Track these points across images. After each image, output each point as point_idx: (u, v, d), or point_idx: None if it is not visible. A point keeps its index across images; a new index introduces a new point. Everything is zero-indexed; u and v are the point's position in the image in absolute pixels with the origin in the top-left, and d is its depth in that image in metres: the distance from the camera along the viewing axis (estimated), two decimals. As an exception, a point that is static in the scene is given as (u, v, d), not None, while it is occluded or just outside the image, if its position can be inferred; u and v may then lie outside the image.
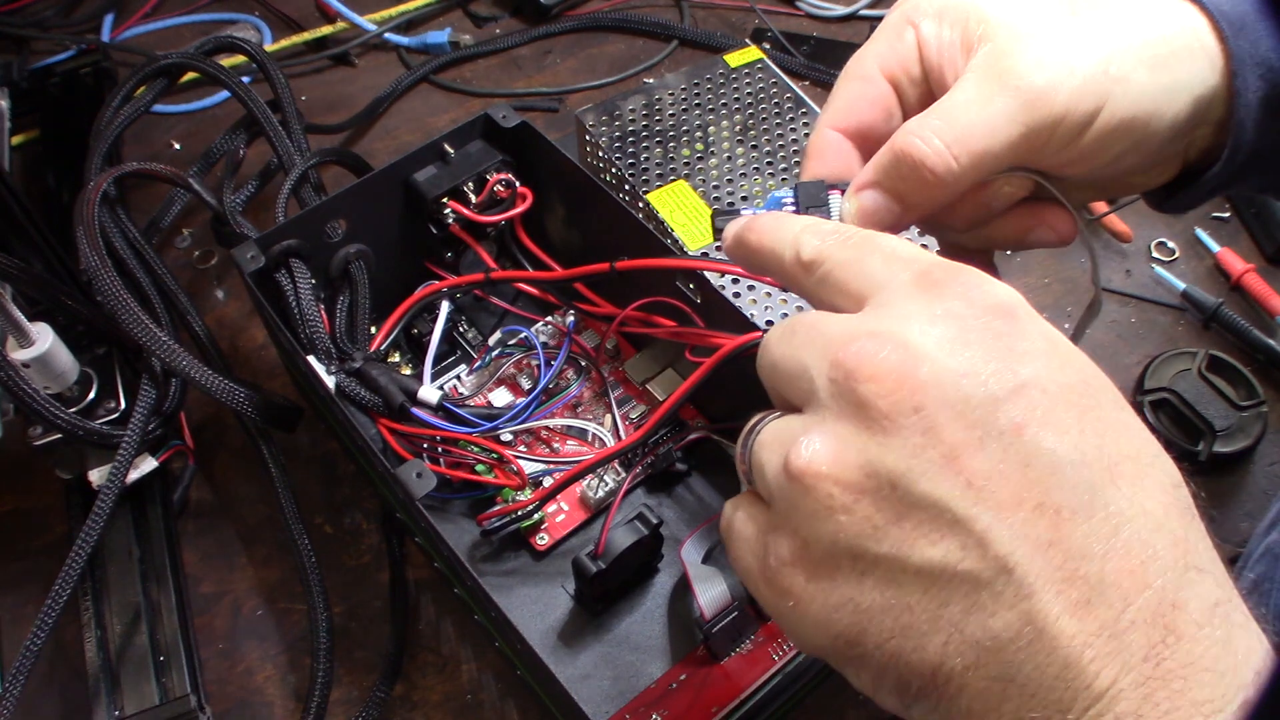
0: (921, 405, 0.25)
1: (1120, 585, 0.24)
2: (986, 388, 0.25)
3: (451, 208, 0.54)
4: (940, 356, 0.26)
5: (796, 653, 0.41)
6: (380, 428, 0.50)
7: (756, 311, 0.54)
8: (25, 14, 0.81)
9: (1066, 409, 0.25)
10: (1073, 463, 0.25)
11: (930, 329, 0.26)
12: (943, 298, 0.27)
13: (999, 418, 0.25)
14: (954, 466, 0.25)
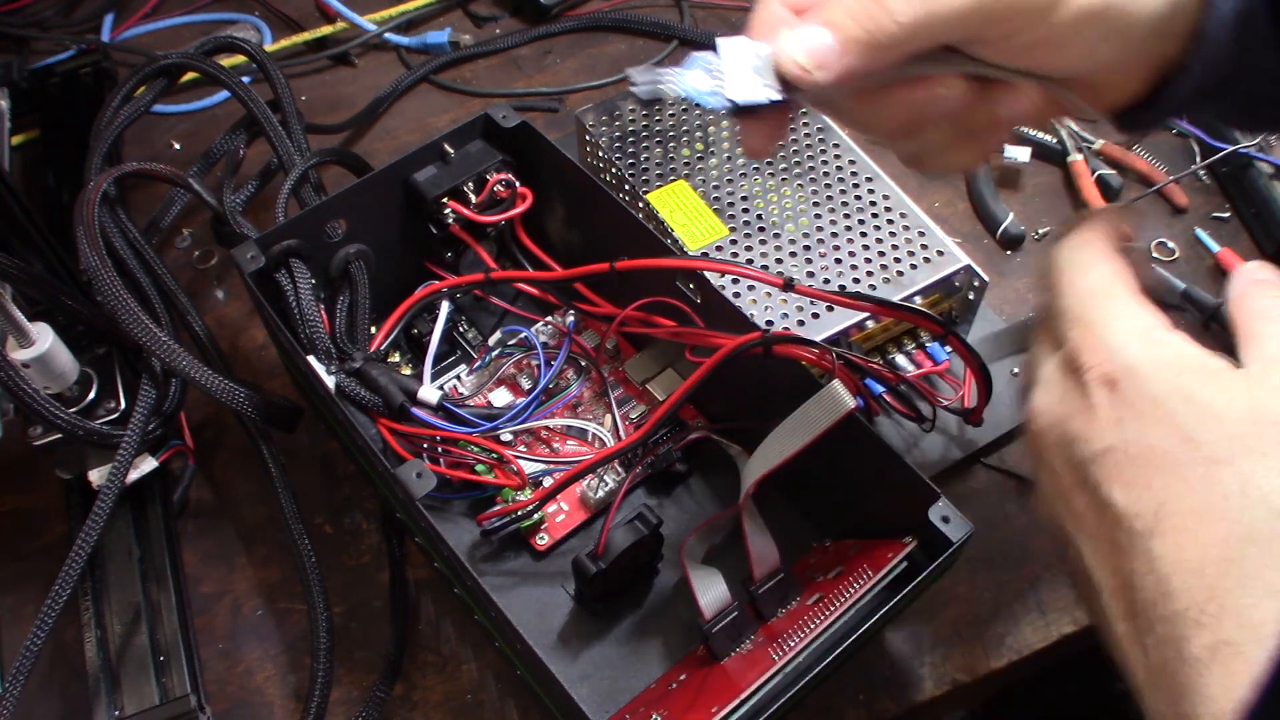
0: (1043, 451, 0.34)
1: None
2: (1080, 451, 0.32)
3: (451, 208, 0.54)
4: (1051, 423, 0.34)
5: (796, 653, 0.41)
6: (380, 428, 0.50)
7: (756, 311, 0.54)
8: (25, 14, 0.81)
9: (1140, 468, 0.30)
10: (1129, 514, 0.30)
11: (1047, 395, 0.34)
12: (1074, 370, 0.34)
13: (1088, 475, 0.32)
14: (1064, 501, 0.33)
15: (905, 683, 0.50)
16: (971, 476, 0.56)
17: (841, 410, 0.44)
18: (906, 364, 0.56)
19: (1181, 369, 0.32)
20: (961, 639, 0.51)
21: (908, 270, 0.56)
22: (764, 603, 0.47)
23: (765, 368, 0.47)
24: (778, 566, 0.47)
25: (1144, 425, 0.31)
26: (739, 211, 0.58)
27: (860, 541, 0.48)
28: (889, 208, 0.58)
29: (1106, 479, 0.31)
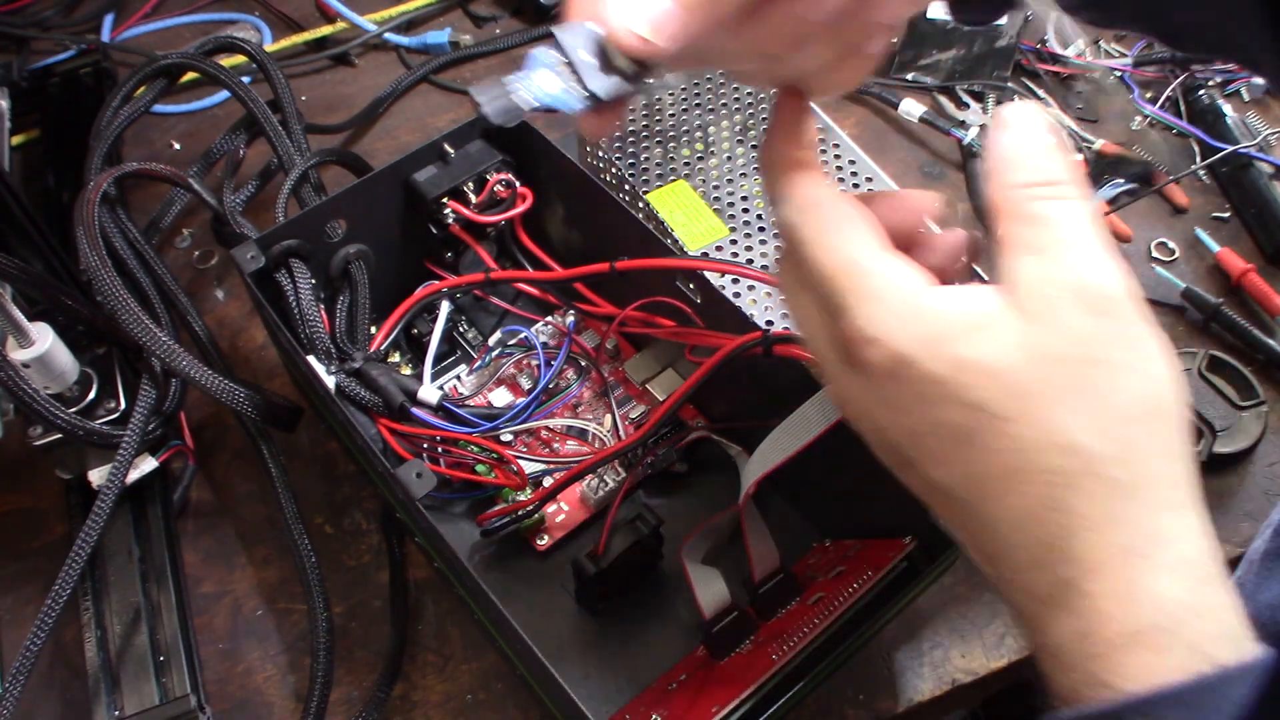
0: (864, 436, 0.34)
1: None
2: (891, 439, 0.33)
3: (451, 208, 0.54)
4: (856, 416, 0.34)
5: (796, 653, 0.41)
6: (380, 428, 0.50)
7: (756, 311, 0.54)
8: (25, 14, 0.81)
9: (945, 445, 0.31)
10: (951, 488, 0.31)
11: (842, 390, 0.34)
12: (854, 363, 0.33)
13: (906, 458, 0.32)
14: (902, 476, 0.34)
15: (905, 683, 0.50)
16: (971, 476, 0.56)
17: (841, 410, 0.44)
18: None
19: (946, 338, 0.30)
20: (961, 639, 0.51)
21: (908, 270, 0.55)
22: (764, 603, 0.47)
23: (765, 368, 0.47)
24: (778, 566, 0.47)
25: (932, 406, 0.30)
26: (739, 211, 0.58)
27: (860, 541, 0.48)
28: (889, 208, 0.58)
29: (920, 461, 0.32)
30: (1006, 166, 0.31)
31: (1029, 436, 0.29)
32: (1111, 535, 0.29)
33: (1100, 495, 0.29)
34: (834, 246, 0.32)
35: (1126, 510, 0.29)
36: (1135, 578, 0.28)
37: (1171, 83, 0.73)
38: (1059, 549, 0.29)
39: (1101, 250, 0.30)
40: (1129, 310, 0.30)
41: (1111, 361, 0.29)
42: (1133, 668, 0.28)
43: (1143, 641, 0.28)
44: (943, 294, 0.31)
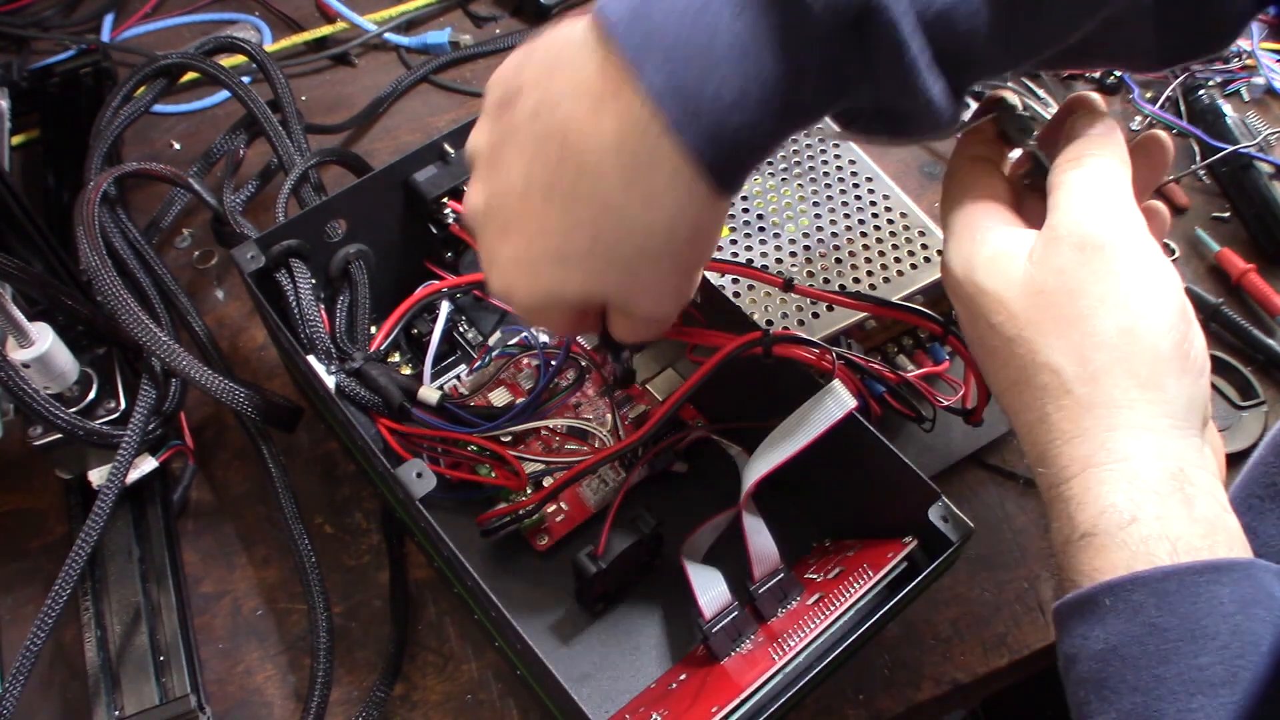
0: None
1: None
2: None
3: (451, 208, 0.54)
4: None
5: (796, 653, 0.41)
6: (380, 428, 0.50)
7: (757, 312, 0.54)
8: (25, 14, 0.81)
9: (982, 357, 0.39)
10: (993, 389, 0.39)
11: None
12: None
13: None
14: None
15: (905, 683, 0.50)
16: (971, 476, 0.56)
17: (841, 410, 0.44)
18: (906, 364, 0.56)
19: (974, 266, 0.37)
20: (961, 639, 0.51)
21: (908, 270, 0.55)
22: (764, 603, 0.46)
23: (765, 368, 0.47)
24: (778, 566, 0.47)
25: (972, 321, 0.38)
26: (739, 211, 0.58)
27: (860, 541, 0.48)
28: (889, 208, 0.58)
29: (983, 369, 0.39)
30: (1067, 128, 0.39)
31: (1025, 356, 0.35)
32: (1077, 447, 0.34)
33: (1070, 410, 0.34)
34: (947, 195, 0.41)
35: (1088, 423, 0.34)
36: (1090, 485, 0.33)
37: (1171, 83, 0.73)
38: (1048, 457, 0.35)
39: (1102, 202, 0.36)
40: (1117, 250, 0.35)
41: (1090, 294, 0.34)
42: (1086, 564, 0.33)
43: (1093, 541, 0.33)
44: (991, 233, 0.38)
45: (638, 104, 0.31)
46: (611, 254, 0.35)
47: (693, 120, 0.31)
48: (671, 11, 0.31)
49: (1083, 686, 0.32)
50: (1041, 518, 0.55)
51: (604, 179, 0.33)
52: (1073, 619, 0.33)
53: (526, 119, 0.35)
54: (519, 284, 0.37)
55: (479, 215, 0.38)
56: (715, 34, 0.30)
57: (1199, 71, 0.73)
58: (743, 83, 0.31)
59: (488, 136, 0.37)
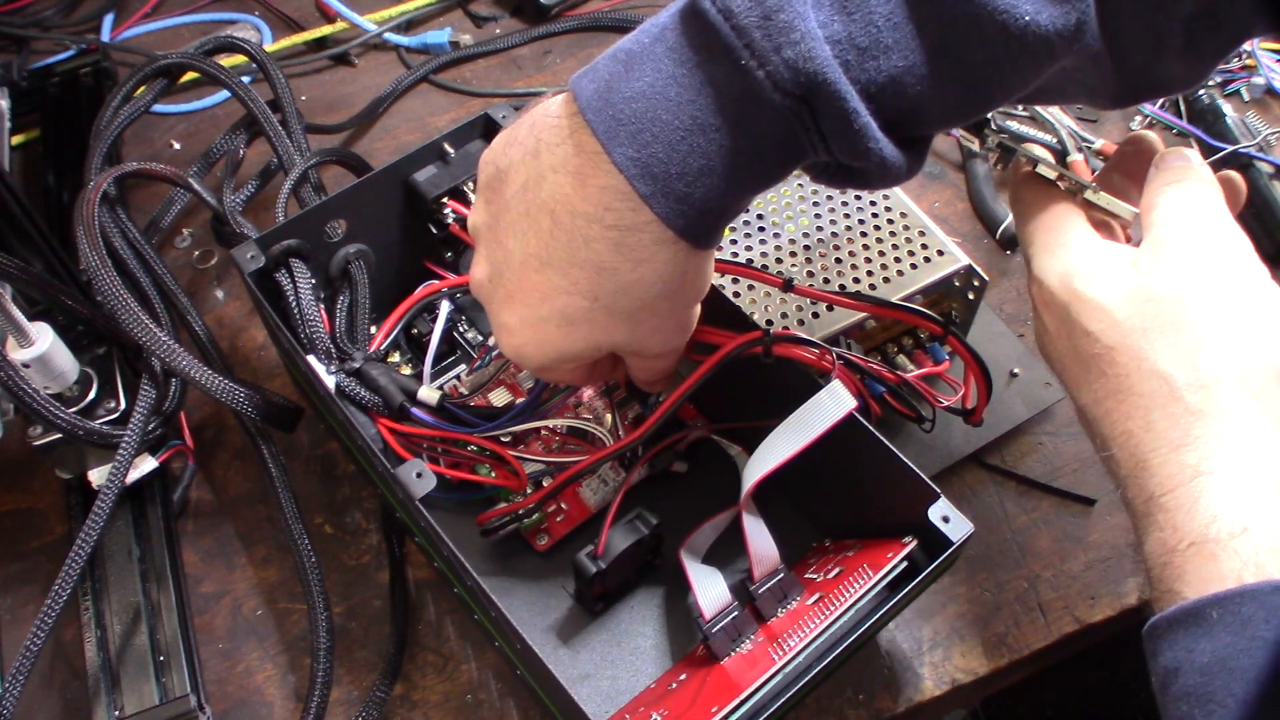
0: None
1: None
2: (1050, 361, 0.42)
3: (451, 208, 0.54)
4: (1037, 340, 0.43)
5: (796, 652, 0.41)
6: (380, 428, 0.50)
7: (757, 311, 0.54)
8: (25, 14, 0.81)
9: (1078, 369, 0.39)
10: (1085, 407, 0.39)
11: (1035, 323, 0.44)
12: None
13: (1062, 379, 0.41)
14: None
15: (905, 683, 0.50)
16: (971, 476, 0.57)
17: (841, 410, 0.44)
18: (906, 364, 0.56)
19: (1074, 274, 0.38)
20: (961, 639, 0.51)
21: (908, 270, 0.55)
22: (764, 603, 0.46)
23: (765, 368, 0.47)
24: (778, 566, 0.47)
25: (1064, 330, 0.38)
26: (739, 211, 0.58)
27: (860, 541, 0.48)
28: (888, 207, 0.58)
29: (1068, 383, 0.39)
30: (1153, 165, 0.40)
31: (1128, 364, 0.35)
32: (1186, 454, 0.33)
33: (1178, 417, 0.34)
34: (1028, 216, 0.42)
35: (1199, 430, 0.33)
36: (1199, 493, 0.33)
37: (1171, 83, 0.73)
38: (1149, 466, 0.34)
39: (1208, 215, 0.37)
40: (1226, 261, 0.36)
41: (1202, 301, 0.35)
42: (1193, 575, 0.32)
43: (1202, 551, 0.32)
44: (1088, 247, 0.39)
45: (614, 178, 0.34)
46: (611, 309, 0.38)
47: (663, 193, 0.34)
48: (637, 94, 0.33)
49: (1185, 701, 0.31)
50: (1043, 517, 0.55)
51: (592, 244, 0.36)
52: (1175, 631, 0.32)
53: (517, 195, 0.38)
54: (528, 346, 0.40)
55: (484, 287, 0.41)
56: (677, 112, 0.33)
57: (1199, 71, 0.73)
58: (704, 159, 0.33)
59: (484, 215, 0.40)
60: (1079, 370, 0.38)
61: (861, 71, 0.32)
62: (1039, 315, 0.41)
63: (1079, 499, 0.55)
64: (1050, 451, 0.57)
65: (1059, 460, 0.57)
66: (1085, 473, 0.56)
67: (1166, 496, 0.33)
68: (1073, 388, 0.39)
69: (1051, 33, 0.32)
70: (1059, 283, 0.38)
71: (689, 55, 0.33)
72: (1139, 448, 0.35)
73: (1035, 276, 0.40)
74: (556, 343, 0.40)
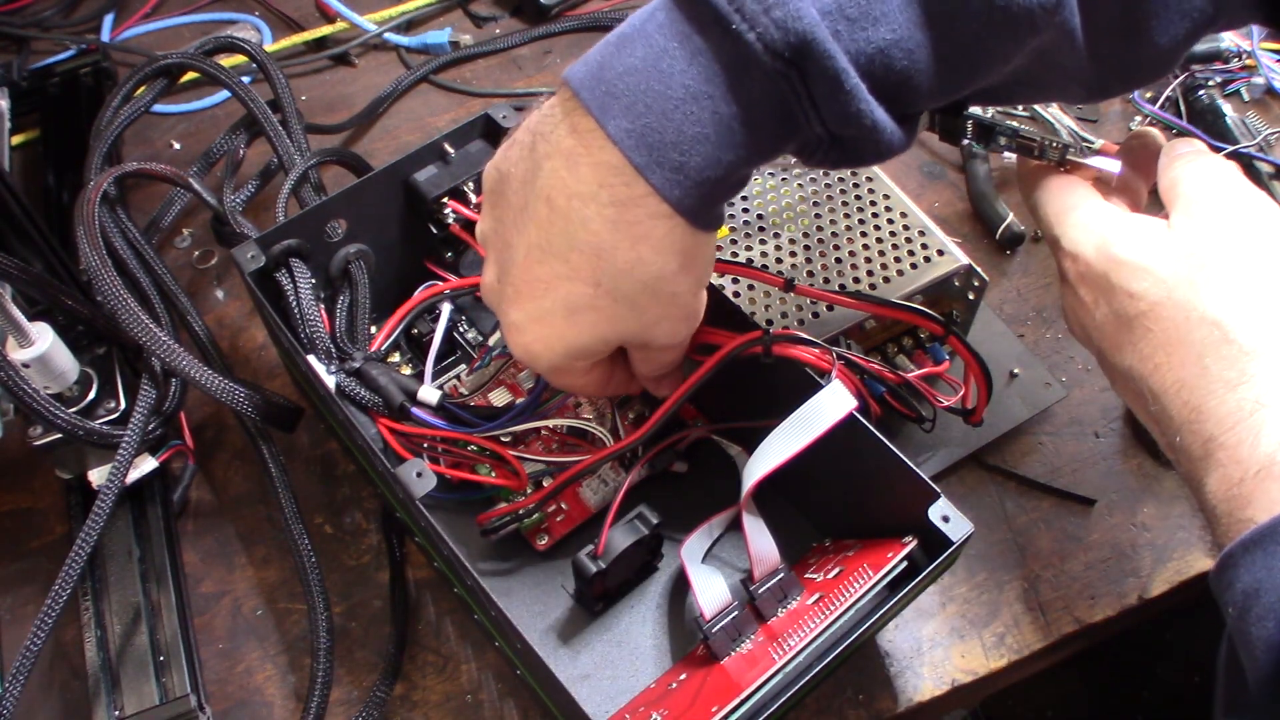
0: (1075, 335, 0.44)
1: None
2: (1088, 334, 0.42)
3: (452, 208, 0.54)
4: (1069, 317, 0.44)
5: (796, 652, 0.41)
6: (380, 428, 0.50)
7: (757, 311, 0.54)
8: (25, 14, 0.81)
9: (1120, 332, 0.40)
10: (1129, 371, 0.40)
11: (1063, 300, 0.45)
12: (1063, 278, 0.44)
13: (1098, 349, 0.41)
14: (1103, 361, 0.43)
15: (905, 683, 0.50)
16: (971, 476, 0.57)
17: (841, 410, 0.44)
18: (906, 364, 0.56)
19: (1111, 242, 0.39)
20: (961, 639, 0.51)
21: (908, 270, 0.56)
22: (764, 602, 0.46)
23: (765, 368, 0.47)
24: (778, 566, 0.47)
25: (1104, 296, 0.39)
26: (739, 211, 0.58)
27: (860, 541, 0.48)
28: (889, 208, 0.58)
29: (1107, 349, 0.40)
30: (1171, 146, 0.42)
31: (1177, 316, 0.36)
32: (1243, 391, 0.34)
33: (1232, 358, 0.35)
34: (1050, 200, 0.43)
35: (1254, 368, 0.34)
36: (1260, 424, 0.33)
37: (1171, 83, 0.73)
38: (1205, 410, 0.35)
39: (1229, 177, 0.39)
40: (1256, 211, 0.37)
41: (1242, 249, 0.36)
42: (1263, 498, 0.33)
43: (1270, 474, 0.33)
44: (1119, 217, 0.40)
45: (608, 152, 0.35)
46: (615, 294, 0.38)
47: (658, 162, 0.34)
48: (630, 68, 0.34)
49: (1271, 617, 0.31)
50: (1043, 517, 0.55)
51: (589, 224, 0.36)
52: (1253, 554, 0.32)
53: (517, 192, 0.38)
54: (537, 343, 0.41)
55: (493, 289, 0.42)
56: (670, 82, 0.34)
57: (1199, 71, 0.73)
58: (699, 126, 0.34)
59: (489, 220, 0.41)
60: (1121, 333, 0.38)
61: (851, 42, 0.33)
62: (1072, 290, 0.41)
63: (1079, 499, 0.55)
64: (1050, 451, 0.57)
65: (1059, 460, 0.57)
66: (1085, 473, 0.56)
67: (1227, 434, 0.34)
68: (1112, 352, 0.39)
69: (1035, 5, 0.34)
70: (1096, 252, 0.39)
71: (681, 28, 0.34)
72: (1194, 394, 0.35)
73: (1068, 250, 0.41)
74: (563, 335, 0.40)
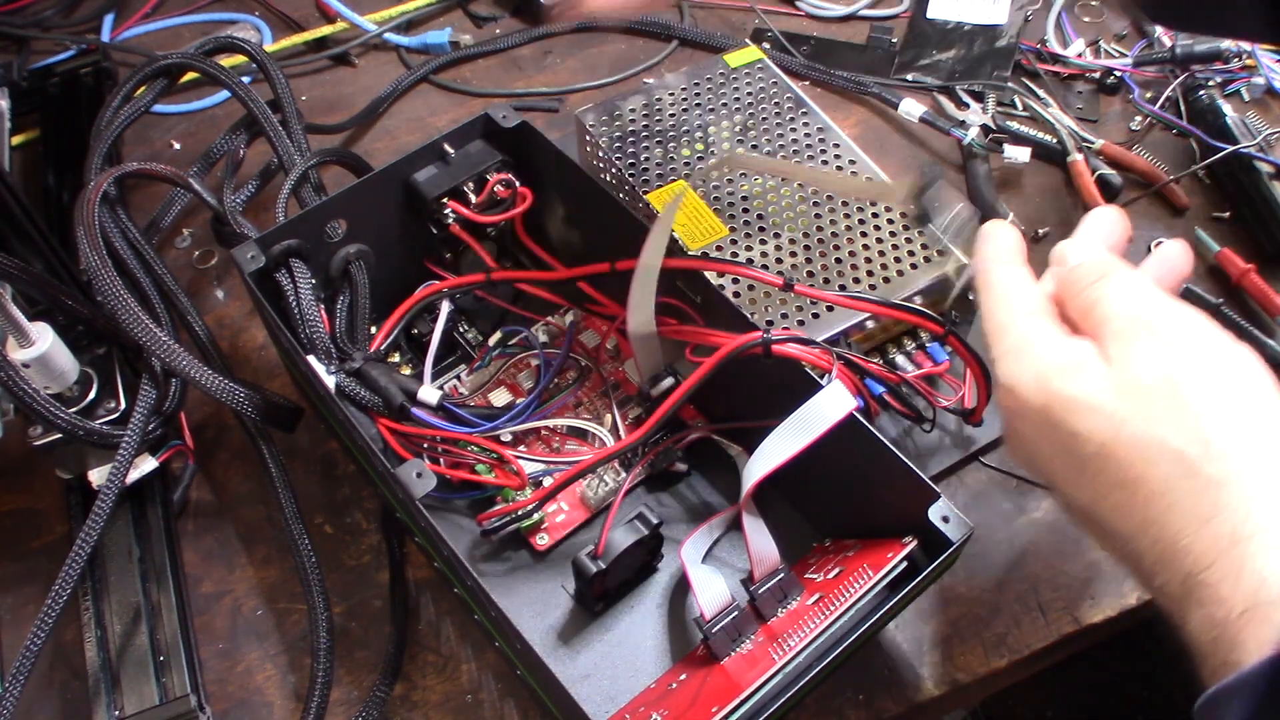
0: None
1: None
2: (1029, 466, 0.41)
3: (451, 208, 0.54)
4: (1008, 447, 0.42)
5: (796, 652, 0.41)
6: (380, 428, 0.50)
7: (757, 311, 0.54)
8: (25, 14, 0.81)
9: (1066, 469, 0.38)
10: (1075, 505, 0.38)
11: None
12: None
13: (1044, 477, 0.39)
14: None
15: (905, 683, 0.50)
16: (971, 476, 0.56)
17: (841, 410, 0.44)
18: (906, 364, 0.56)
19: (1049, 375, 0.37)
20: (961, 639, 0.51)
21: (908, 270, 0.56)
22: (764, 603, 0.47)
23: (765, 368, 0.47)
24: (778, 566, 0.47)
25: (1048, 434, 0.37)
26: (739, 211, 0.58)
27: (860, 541, 0.48)
28: (889, 208, 0.58)
29: (1058, 485, 0.38)
30: (1062, 262, 0.40)
31: (1132, 455, 0.34)
32: (1217, 525, 0.32)
33: (1200, 491, 0.33)
34: (989, 311, 0.40)
35: (1225, 499, 0.32)
36: (1241, 560, 0.32)
37: (1171, 83, 0.73)
38: (1179, 548, 0.33)
39: (1157, 298, 0.37)
40: (1192, 336, 0.36)
41: (1189, 377, 0.34)
42: (1250, 640, 0.31)
43: (1256, 615, 0.31)
44: (1056, 345, 0.38)
45: None
46: None
47: None
48: None
49: None
50: (1043, 517, 0.55)
51: None
52: (1239, 700, 0.30)
53: None
54: None
55: None
56: None
57: (1199, 71, 0.73)
58: None
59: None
60: (1071, 472, 0.37)
61: None
62: (1012, 423, 0.39)
63: (1079, 499, 0.55)
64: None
65: (1059, 460, 0.57)
66: (1085, 473, 0.56)
67: (1206, 571, 0.32)
68: (1065, 489, 0.37)
69: None
70: (1035, 386, 0.37)
71: None
72: (1164, 531, 0.33)
73: (1004, 384, 0.38)
74: None
